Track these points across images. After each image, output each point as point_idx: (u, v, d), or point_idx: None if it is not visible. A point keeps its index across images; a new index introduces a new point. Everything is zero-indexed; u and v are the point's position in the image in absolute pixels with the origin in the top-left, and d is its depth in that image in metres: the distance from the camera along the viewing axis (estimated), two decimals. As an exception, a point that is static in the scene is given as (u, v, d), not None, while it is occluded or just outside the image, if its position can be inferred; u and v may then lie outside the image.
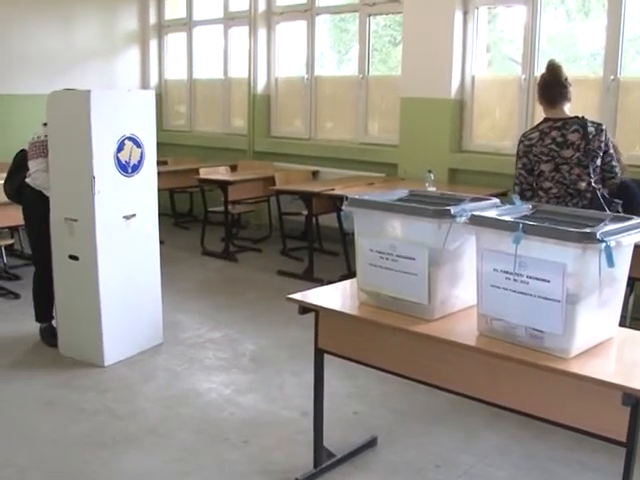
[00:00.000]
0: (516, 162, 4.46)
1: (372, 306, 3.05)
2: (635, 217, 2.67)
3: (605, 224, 2.52)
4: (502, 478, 3.41)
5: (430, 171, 6.28)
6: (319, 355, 3.27)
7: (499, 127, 7.25)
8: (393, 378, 3.13)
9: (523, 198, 4.26)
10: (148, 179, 4.79)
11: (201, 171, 7.98)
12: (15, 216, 5.35)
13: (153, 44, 10.50)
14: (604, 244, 2.34)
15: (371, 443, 3.68)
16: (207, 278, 6.98)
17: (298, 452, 3.57)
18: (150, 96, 4.91)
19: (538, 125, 4.49)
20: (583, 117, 4.45)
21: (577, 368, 2.43)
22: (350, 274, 5.82)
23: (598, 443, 2.49)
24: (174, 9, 10.44)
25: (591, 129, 4.39)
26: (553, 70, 4.50)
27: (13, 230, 7.02)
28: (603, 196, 4.33)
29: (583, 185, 4.31)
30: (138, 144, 4.65)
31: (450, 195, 3.26)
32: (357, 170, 7.78)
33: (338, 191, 6.50)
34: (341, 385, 4.30)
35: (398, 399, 4.18)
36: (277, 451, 3.62)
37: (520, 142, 4.46)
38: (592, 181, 4.30)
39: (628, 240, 2.51)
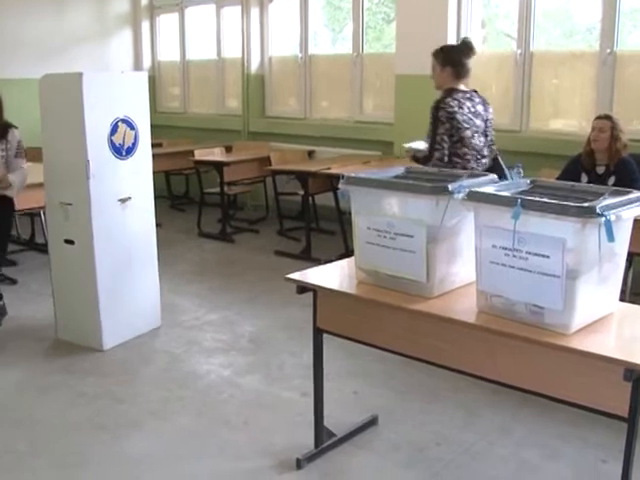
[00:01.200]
0: (437, 128, 4.59)
1: (370, 285, 3.02)
2: (634, 191, 2.65)
3: (604, 198, 2.49)
4: (504, 455, 3.41)
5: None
6: (318, 335, 3.25)
7: (495, 103, 7.12)
8: (393, 357, 3.12)
9: (441, 163, 4.50)
10: (143, 161, 4.75)
11: (196, 153, 7.93)
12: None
13: (145, 26, 10.41)
14: (604, 218, 2.32)
15: (372, 422, 3.67)
16: (204, 260, 6.96)
17: (299, 432, 3.56)
18: (143, 78, 4.85)
19: (451, 94, 4.66)
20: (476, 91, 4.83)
21: (578, 344, 2.42)
22: (348, 253, 5.80)
23: (600, 419, 2.49)
24: (166, -10, 10.35)
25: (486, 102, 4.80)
26: (471, 46, 4.81)
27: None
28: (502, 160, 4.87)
29: (486, 152, 4.76)
30: (132, 126, 4.60)
31: (447, 172, 3.23)
32: (353, 149, 7.75)
33: (334, 170, 6.48)
34: (341, 365, 4.29)
35: (398, 378, 4.17)
36: (278, 432, 3.61)
37: (441, 109, 4.60)
38: (493, 148, 4.89)
39: (628, 214, 2.49)
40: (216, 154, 8.10)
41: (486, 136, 4.75)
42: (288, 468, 3.28)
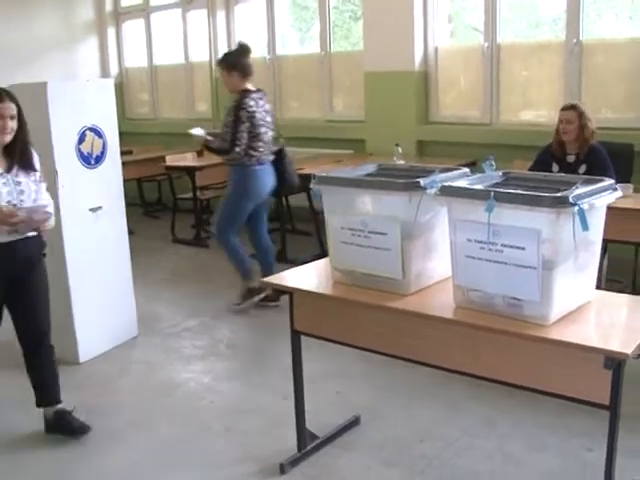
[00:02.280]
0: (239, 126, 5.08)
1: (346, 284, 3.00)
2: (605, 179, 2.65)
3: (577, 187, 2.49)
4: (488, 449, 3.40)
5: (398, 145, 6.24)
6: (296, 337, 3.22)
7: (465, 96, 7.21)
8: (374, 355, 3.09)
9: (239, 155, 5.15)
10: (112, 170, 4.69)
11: (167, 158, 7.87)
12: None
13: (111, 32, 10.32)
14: (577, 207, 2.31)
15: (355, 422, 3.66)
16: (180, 266, 6.90)
17: (281, 436, 3.53)
18: (109, 85, 4.80)
19: (247, 95, 5.17)
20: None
21: (557, 334, 2.41)
22: (323, 253, 5.76)
23: (583, 408, 2.48)
24: (130, -5, 10.27)
25: None
26: (248, 47, 5.41)
27: None
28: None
29: (273, 146, 5.44)
30: (100, 134, 4.55)
31: (419, 167, 3.22)
32: (325, 148, 7.73)
33: (306, 170, 6.43)
34: (323, 365, 4.26)
35: (380, 376, 4.16)
36: (260, 437, 3.58)
37: (242, 109, 5.09)
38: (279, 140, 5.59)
39: (601, 202, 2.50)
40: (187, 159, 8.03)
41: (273, 130, 5.39)
42: (272, 473, 3.25)
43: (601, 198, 2.50)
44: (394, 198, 2.73)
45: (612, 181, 2.64)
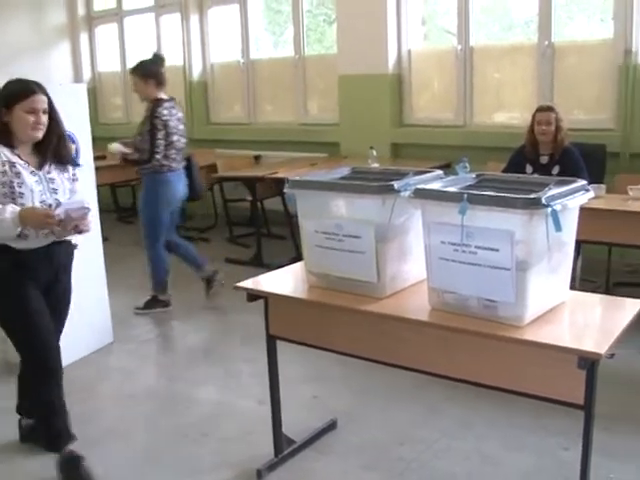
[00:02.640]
0: (155, 135, 5.16)
1: (321, 288, 2.99)
2: (578, 180, 2.67)
3: (550, 188, 2.51)
4: (465, 450, 3.41)
5: (372, 147, 6.25)
6: (271, 342, 3.21)
7: (439, 99, 7.24)
8: (351, 358, 3.09)
9: (158, 164, 5.21)
10: (85, 175, 4.63)
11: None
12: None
13: (84, 37, 10.25)
14: (550, 208, 2.33)
15: (332, 426, 3.65)
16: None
17: (258, 442, 3.51)
18: (82, 90, 4.76)
19: (161, 104, 5.24)
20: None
21: (531, 335, 2.42)
22: (299, 257, 5.74)
23: (559, 407, 2.48)
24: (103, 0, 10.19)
25: None
26: (163, 57, 5.56)
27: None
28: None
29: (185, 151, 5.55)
30: (72, 140, 4.49)
31: (393, 170, 3.22)
32: (300, 151, 7.72)
33: (281, 174, 6.43)
34: (300, 369, 4.25)
35: (357, 379, 4.15)
36: (237, 442, 3.56)
37: (156, 117, 5.17)
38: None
39: (574, 203, 2.52)
40: (161, 163, 7.98)
41: (184, 138, 5.47)
42: (249, 479, 3.23)
43: (574, 199, 2.52)
44: (368, 201, 2.73)
45: (585, 182, 2.67)
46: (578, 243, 4.77)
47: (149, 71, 5.32)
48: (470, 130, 6.83)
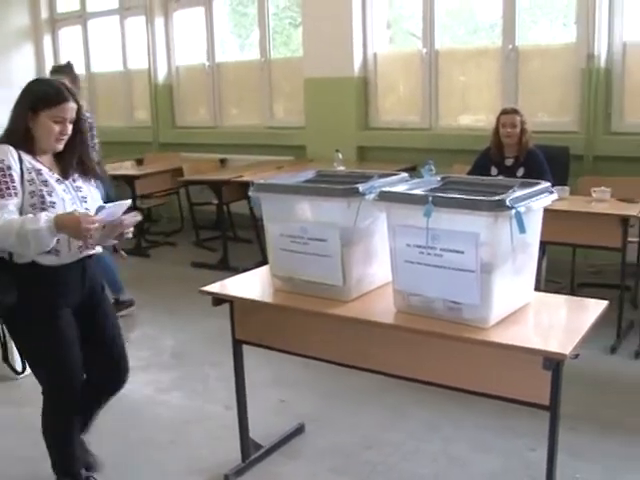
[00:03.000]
0: (93, 138, 5.20)
1: (287, 292, 2.98)
2: (542, 182, 2.68)
3: (514, 191, 2.52)
4: (433, 452, 3.41)
5: (338, 150, 6.25)
6: (237, 346, 3.20)
7: (404, 102, 7.26)
8: (318, 362, 3.07)
9: None
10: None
11: (106, 167, 7.74)
12: None
13: (47, 39, 10.12)
14: (514, 210, 2.34)
15: (299, 430, 3.64)
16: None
17: (226, 447, 3.48)
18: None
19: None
20: None
21: (497, 337, 2.43)
22: (265, 261, 5.72)
23: (526, 408, 2.49)
24: (67, 1, 10.06)
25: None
26: (72, 65, 5.59)
27: None
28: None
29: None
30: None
31: (358, 173, 3.22)
32: (266, 155, 7.70)
33: (247, 177, 6.40)
34: (266, 373, 4.23)
35: (324, 383, 4.14)
36: (205, 448, 3.53)
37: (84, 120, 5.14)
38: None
39: (537, 204, 2.53)
40: (127, 167, 7.94)
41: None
42: (217, 485, 3.21)
43: (538, 201, 2.54)
44: (333, 204, 2.72)
45: (548, 184, 2.69)
46: (543, 244, 4.85)
47: (72, 75, 5.36)
48: (436, 133, 6.86)
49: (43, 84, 2.80)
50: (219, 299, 3.08)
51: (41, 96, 2.70)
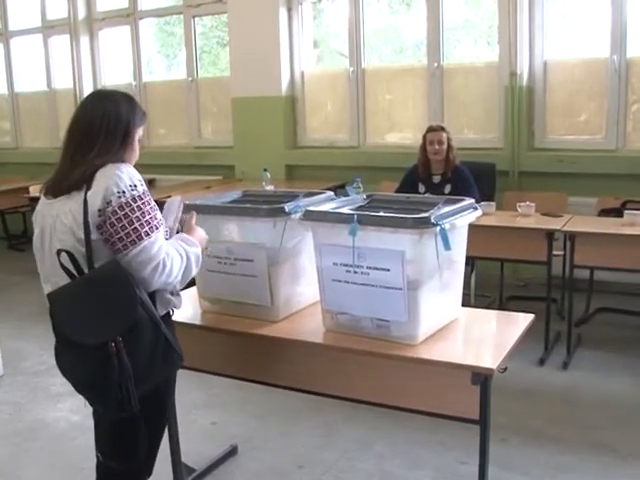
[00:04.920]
0: None
1: (215, 313, 2.94)
2: (466, 198, 2.71)
3: (439, 208, 2.54)
4: (366, 470, 3.41)
5: (266, 169, 6.23)
6: (167, 369, 3.13)
7: (332, 120, 7.30)
8: (248, 383, 3.03)
9: None
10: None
11: (31, 189, 7.56)
12: None
13: (-34, 59, 9.90)
14: (439, 227, 2.35)
15: (232, 452, 3.60)
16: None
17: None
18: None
19: None
20: None
21: (425, 353, 2.44)
22: (192, 282, 5.69)
23: (456, 422, 2.49)
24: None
25: None
26: None
27: None
28: None
29: None
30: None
31: (284, 192, 3.22)
32: (194, 175, 7.64)
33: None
34: (196, 395, 4.17)
35: (256, 404, 4.10)
36: (134, 474, 3.45)
37: None
38: None
39: (462, 221, 2.56)
40: (53, 189, 7.76)
41: None
42: (148, 511, 3.13)
43: (462, 217, 2.56)
44: (259, 224, 2.71)
45: (473, 200, 2.72)
46: (472, 259, 4.96)
47: None
48: (364, 151, 6.92)
49: (132, 100, 2.42)
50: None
51: (142, 110, 2.40)
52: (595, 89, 5.99)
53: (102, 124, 2.28)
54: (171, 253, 2.20)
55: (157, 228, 2.21)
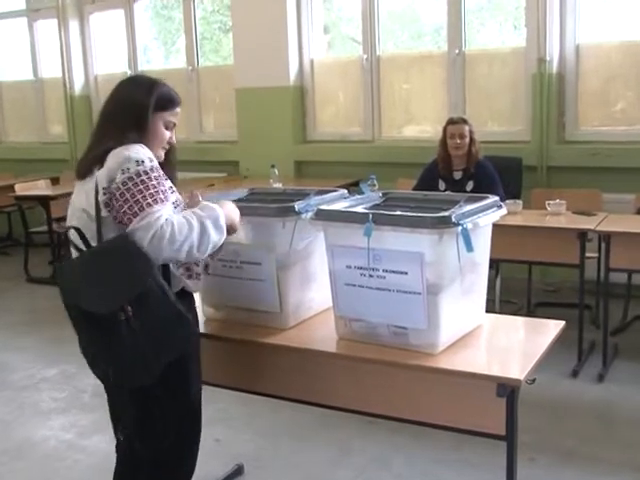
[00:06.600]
0: None
1: (220, 320, 2.98)
2: (490, 196, 2.73)
3: (460, 206, 2.56)
4: (384, 490, 3.44)
5: (274, 166, 6.27)
6: (167, 382, 3.17)
7: (344, 112, 7.33)
8: (255, 397, 3.07)
9: None
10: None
11: (17, 187, 7.65)
12: None
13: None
14: (460, 227, 2.36)
15: (237, 472, 3.62)
16: (36, 308, 6.69)
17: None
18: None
19: None
20: None
21: (446, 363, 2.46)
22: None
23: (481, 438, 2.51)
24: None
25: None
26: None
27: None
28: None
29: None
30: None
31: (294, 190, 3.24)
32: (196, 171, 7.65)
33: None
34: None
35: (263, 419, 4.14)
36: (131, 496, 3.49)
37: None
38: None
39: (485, 220, 2.56)
40: (40, 187, 7.85)
41: None
42: (145, 536, 3.17)
43: (485, 217, 2.57)
44: (267, 225, 2.74)
45: (497, 198, 2.73)
46: (496, 262, 4.97)
47: None
48: (379, 145, 6.95)
49: (159, 83, 2.66)
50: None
51: (163, 95, 2.61)
52: (633, 75, 5.99)
53: (116, 108, 2.55)
54: (173, 220, 2.30)
55: (162, 201, 2.33)
